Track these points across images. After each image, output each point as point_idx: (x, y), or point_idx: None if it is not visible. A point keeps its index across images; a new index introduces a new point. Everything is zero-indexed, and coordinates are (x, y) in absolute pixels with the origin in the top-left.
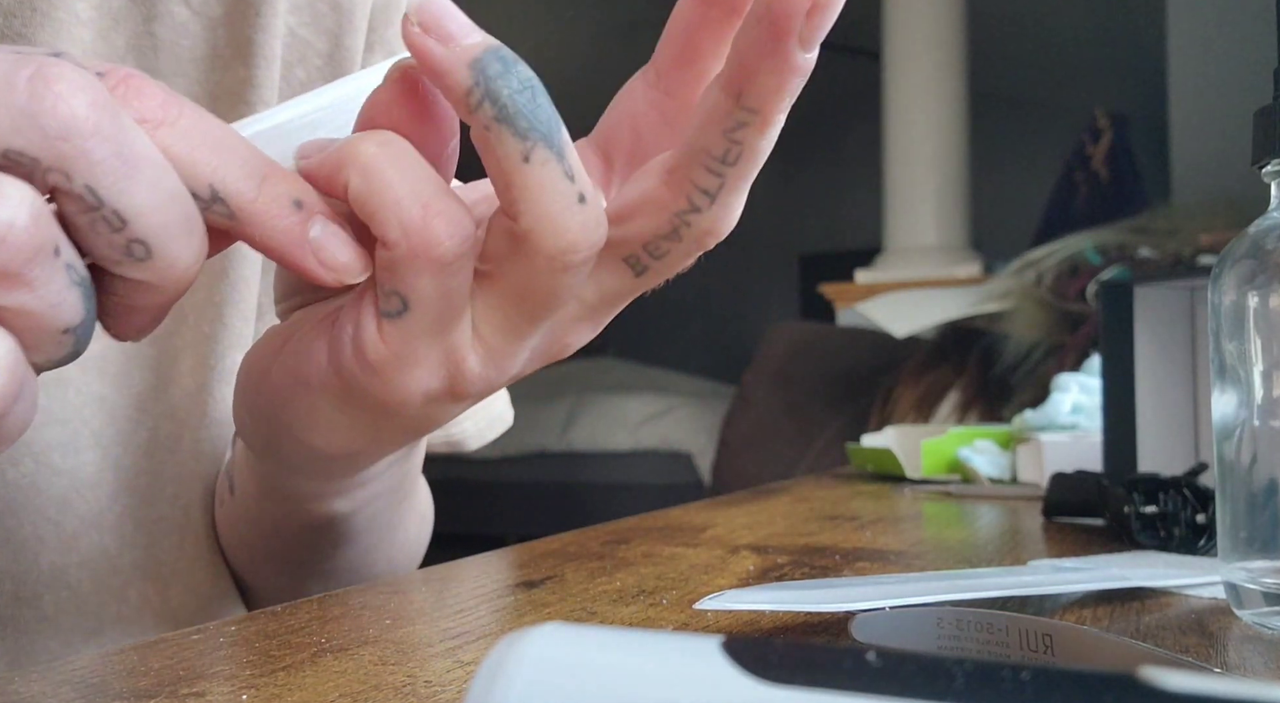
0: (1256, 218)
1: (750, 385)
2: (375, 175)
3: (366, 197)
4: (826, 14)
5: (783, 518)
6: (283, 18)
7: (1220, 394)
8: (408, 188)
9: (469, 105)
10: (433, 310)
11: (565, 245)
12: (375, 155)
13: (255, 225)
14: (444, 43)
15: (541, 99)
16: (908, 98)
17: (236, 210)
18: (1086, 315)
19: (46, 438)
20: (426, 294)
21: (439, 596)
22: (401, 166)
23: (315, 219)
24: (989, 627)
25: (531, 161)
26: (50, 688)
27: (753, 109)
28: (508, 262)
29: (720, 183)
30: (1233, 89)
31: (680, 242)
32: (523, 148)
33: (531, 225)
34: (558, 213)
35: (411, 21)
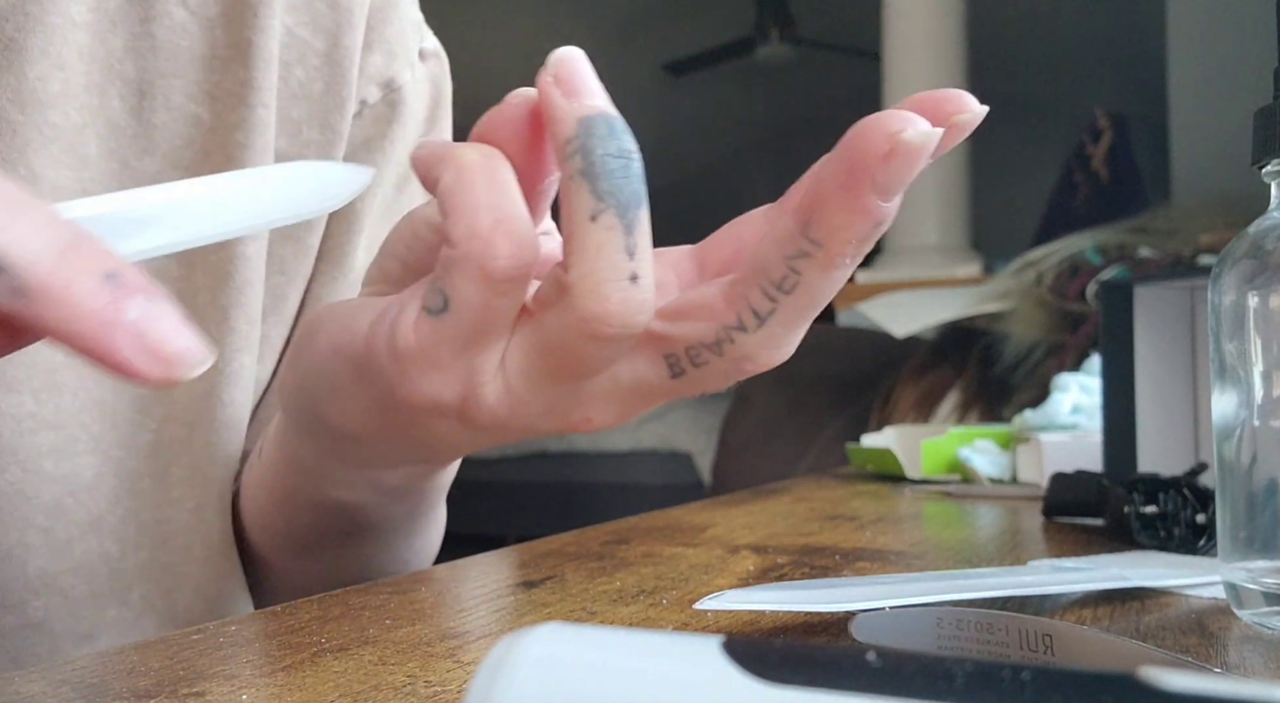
0: (1256, 218)
1: (750, 385)
2: (466, 177)
3: (451, 193)
4: (904, 162)
5: (783, 518)
6: (280, 17)
7: (1220, 394)
8: (489, 198)
9: (565, 154)
10: (470, 320)
11: (600, 313)
12: (475, 162)
13: (51, 303)
14: (568, 97)
15: (633, 173)
16: None
17: (27, 283)
18: (1086, 315)
19: (37, 444)
20: (469, 301)
21: (439, 596)
22: (493, 179)
23: (135, 296)
24: (989, 627)
25: (597, 223)
26: (50, 688)
27: (816, 242)
28: (550, 310)
29: (772, 308)
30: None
31: (721, 356)
32: (594, 207)
33: (576, 282)
34: (604, 280)
35: (548, 71)
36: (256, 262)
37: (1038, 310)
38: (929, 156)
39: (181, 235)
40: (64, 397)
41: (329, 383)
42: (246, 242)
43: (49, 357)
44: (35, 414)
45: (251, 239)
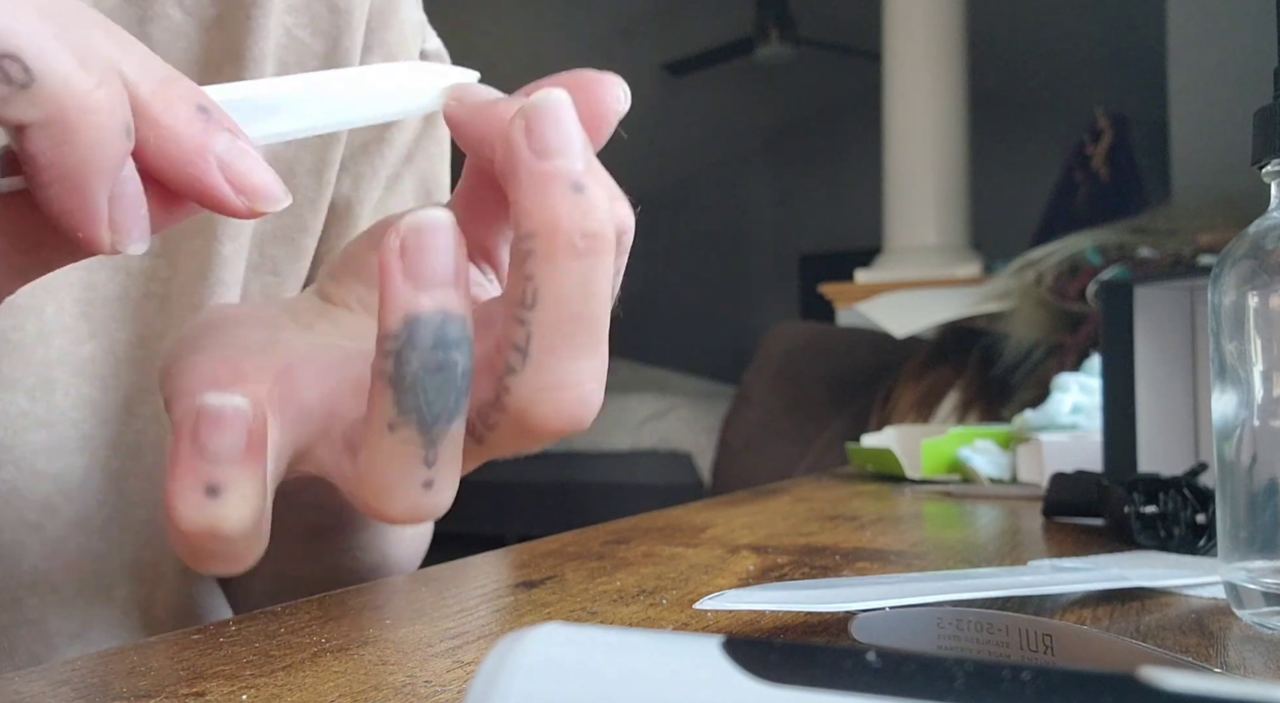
0: (1256, 218)
1: (750, 385)
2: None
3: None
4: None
5: (783, 518)
6: (277, 18)
7: (1220, 394)
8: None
9: (380, 348)
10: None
11: (383, 516)
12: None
13: (149, 122)
14: (407, 278)
15: (451, 385)
16: (908, 98)
17: (130, 100)
18: (1086, 315)
19: (31, 442)
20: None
21: (439, 596)
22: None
23: (221, 131)
24: (989, 627)
25: (394, 434)
26: (50, 688)
27: (529, 234)
28: (346, 472)
29: (527, 333)
30: (1233, 89)
31: (505, 413)
32: (394, 419)
33: (364, 477)
34: (392, 486)
35: (397, 235)
36: (234, 262)
37: (1038, 310)
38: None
39: (306, 123)
40: (56, 395)
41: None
42: (225, 242)
43: (43, 354)
44: (29, 412)
45: (230, 239)
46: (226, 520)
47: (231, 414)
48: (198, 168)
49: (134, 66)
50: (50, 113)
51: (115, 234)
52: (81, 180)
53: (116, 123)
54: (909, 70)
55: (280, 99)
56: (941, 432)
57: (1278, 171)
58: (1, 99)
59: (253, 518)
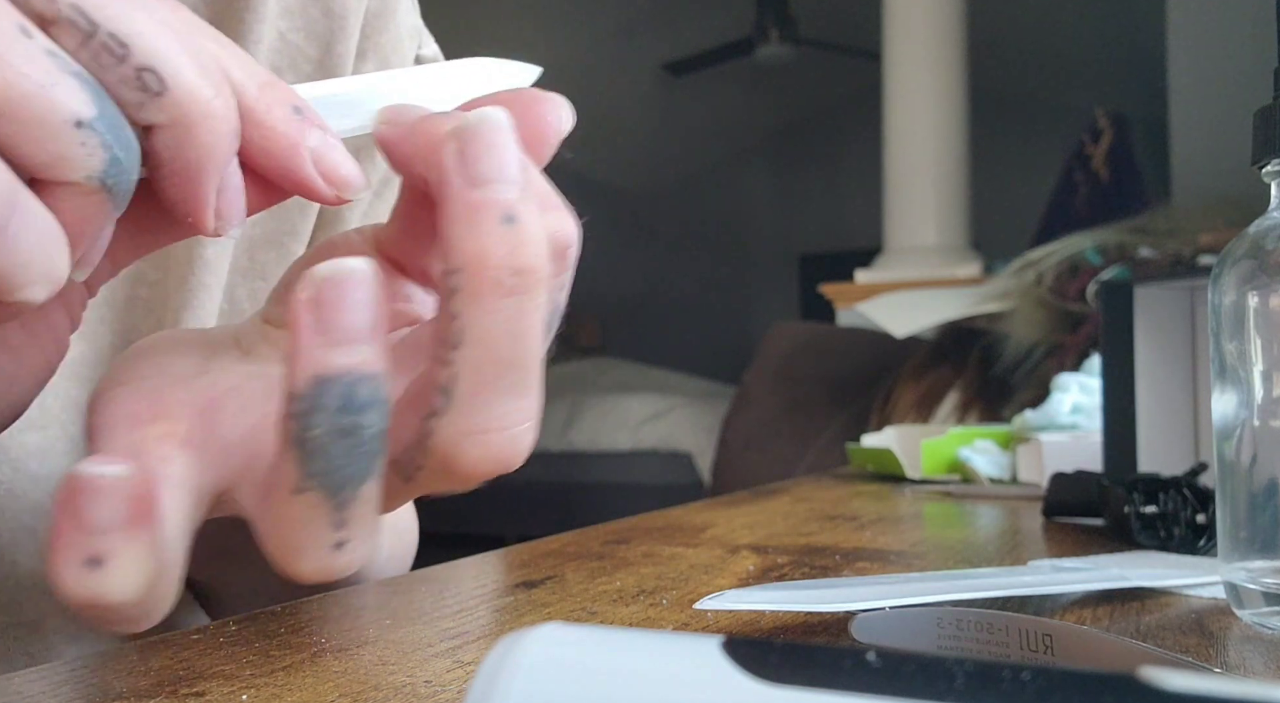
0: (1256, 218)
1: (750, 385)
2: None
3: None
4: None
5: (783, 518)
6: (271, 23)
7: (1220, 394)
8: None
9: (285, 409)
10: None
11: (293, 575)
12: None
13: (254, 121)
14: (317, 333)
15: (360, 449)
16: (908, 98)
17: (238, 102)
18: (1086, 315)
19: (25, 444)
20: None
21: (439, 596)
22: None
23: (313, 128)
24: (989, 627)
25: (299, 498)
26: (50, 688)
27: (455, 268)
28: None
29: (452, 374)
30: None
31: (430, 456)
32: (299, 483)
33: (271, 538)
34: (299, 548)
35: (309, 286)
36: (217, 265)
37: (1038, 310)
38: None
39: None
40: (48, 397)
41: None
42: (207, 245)
43: None
44: (25, 414)
45: (213, 243)
46: (110, 591)
47: (109, 484)
48: (293, 162)
49: (240, 72)
50: (175, 117)
51: (219, 220)
52: (196, 174)
53: (228, 127)
54: (909, 70)
55: (362, 95)
56: (941, 432)
57: (1278, 172)
58: (138, 104)
59: (141, 585)
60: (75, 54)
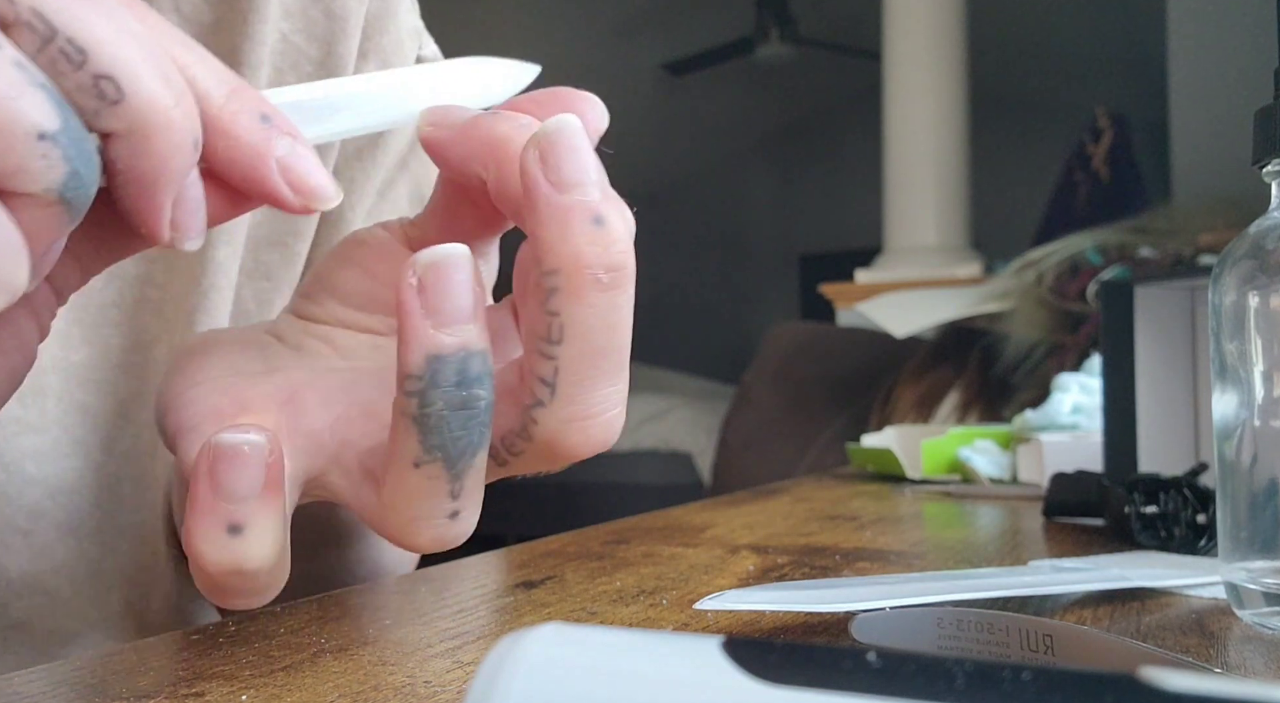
0: (1257, 218)
1: (750, 385)
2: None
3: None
4: (572, 153)
5: (783, 518)
6: (273, 24)
7: (1220, 394)
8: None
9: (403, 388)
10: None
11: (410, 546)
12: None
13: (219, 131)
14: (429, 315)
15: (475, 422)
16: (908, 98)
17: (203, 111)
18: (1087, 315)
19: (21, 447)
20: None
21: (439, 596)
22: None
23: (282, 137)
24: (989, 627)
25: (420, 470)
26: (50, 688)
27: (553, 270)
28: (371, 503)
29: (554, 367)
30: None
31: (531, 442)
32: (419, 456)
33: (390, 511)
34: (419, 518)
35: (414, 271)
36: (228, 266)
37: (1038, 310)
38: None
39: (363, 122)
40: (48, 400)
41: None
42: (218, 246)
43: (35, 361)
44: (20, 418)
45: (224, 244)
46: (250, 558)
47: (249, 451)
48: (259, 172)
49: (206, 79)
50: (132, 126)
51: (175, 232)
52: (152, 185)
53: (187, 138)
54: (909, 70)
55: (341, 99)
56: (942, 432)
57: (1278, 171)
58: (94, 112)
59: (275, 552)
60: (33, 59)
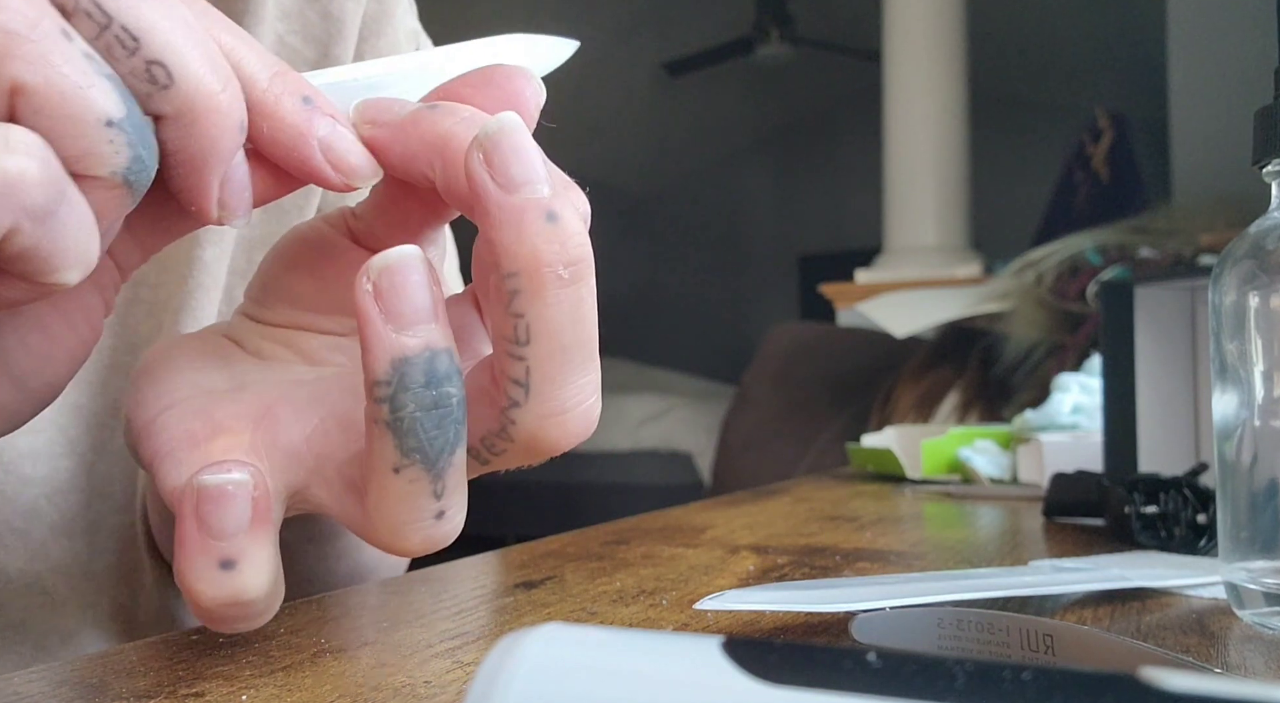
0: (1257, 218)
1: (750, 385)
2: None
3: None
4: (516, 151)
5: (783, 518)
6: (269, 25)
7: (1221, 394)
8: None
9: (372, 395)
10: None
11: (399, 551)
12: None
13: (264, 113)
14: (388, 320)
15: (449, 420)
16: (908, 98)
17: (248, 94)
18: (1087, 315)
19: (18, 447)
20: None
21: (438, 596)
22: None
23: (323, 118)
24: (990, 627)
25: (400, 476)
26: (50, 688)
27: (512, 272)
28: (358, 512)
29: (525, 368)
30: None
31: (512, 442)
32: (398, 462)
33: (375, 520)
34: (405, 523)
35: (368, 277)
36: (215, 267)
37: (1038, 310)
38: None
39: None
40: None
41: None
42: (206, 246)
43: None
44: None
45: (211, 244)
46: (247, 590)
47: (233, 491)
48: (302, 152)
49: (251, 63)
50: (181, 110)
51: (222, 210)
52: (200, 166)
53: (234, 121)
54: (909, 70)
55: (379, 78)
56: (942, 432)
57: (1278, 171)
58: (146, 96)
59: (270, 579)
60: (92, 47)
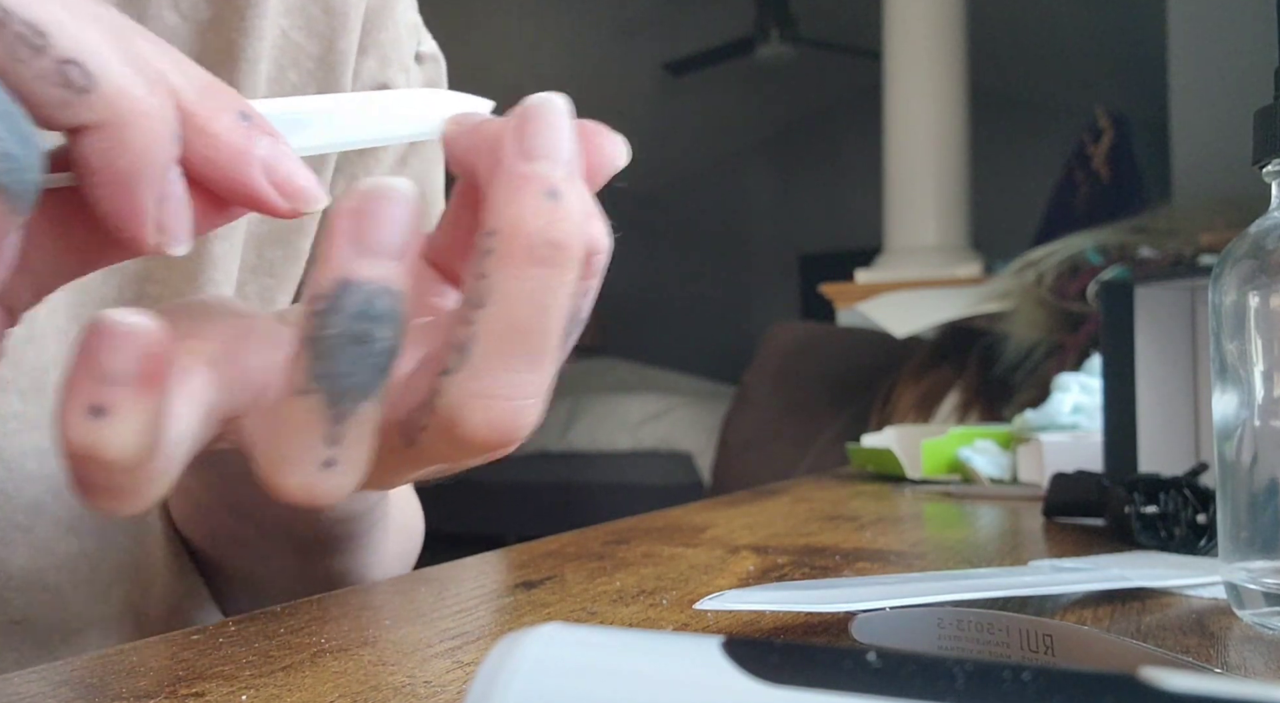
0: (1257, 218)
1: (750, 385)
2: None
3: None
4: (548, 123)
5: (783, 518)
6: (272, 20)
7: (1221, 394)
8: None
9: (309, 307)
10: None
11: (276, 488)
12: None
13: (195, 129)
14: (352, 242)
15: (370, 362)
16: (908, 98)
17: (177, 108)
18: (1087, 315)
19: (22, 444)
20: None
21: (439, 596)
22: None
23: (264, 136)
24: (989, 627)
25: (299, 401)
26: (50, 688)
27: (493, 230)
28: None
29: (471, 333)
30: (1233, 89)
31: (434, 414)
32: (303, 384)
33: (261, 448)
34: (288, 458)
35: (351, 199)
36: (226, 262)
37: (1038, 310)
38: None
39: (332, 139)
40: (49, 397)
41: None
42: (215, 242)
43: (36, 357)
44: (21, 415)
45: (221, 239)
46: (109, 445)
47: (124, 332)
48: (242, 172)
49: (179, 75)
50: (105, 117)
51: (160, 235)
52: (131, 182)
53: (166, 128)
54: (909, 70)
55: (311, 115)
56: (942, 432)
57: (1278, 171)
58: (62, 102)
59: (138, 446)
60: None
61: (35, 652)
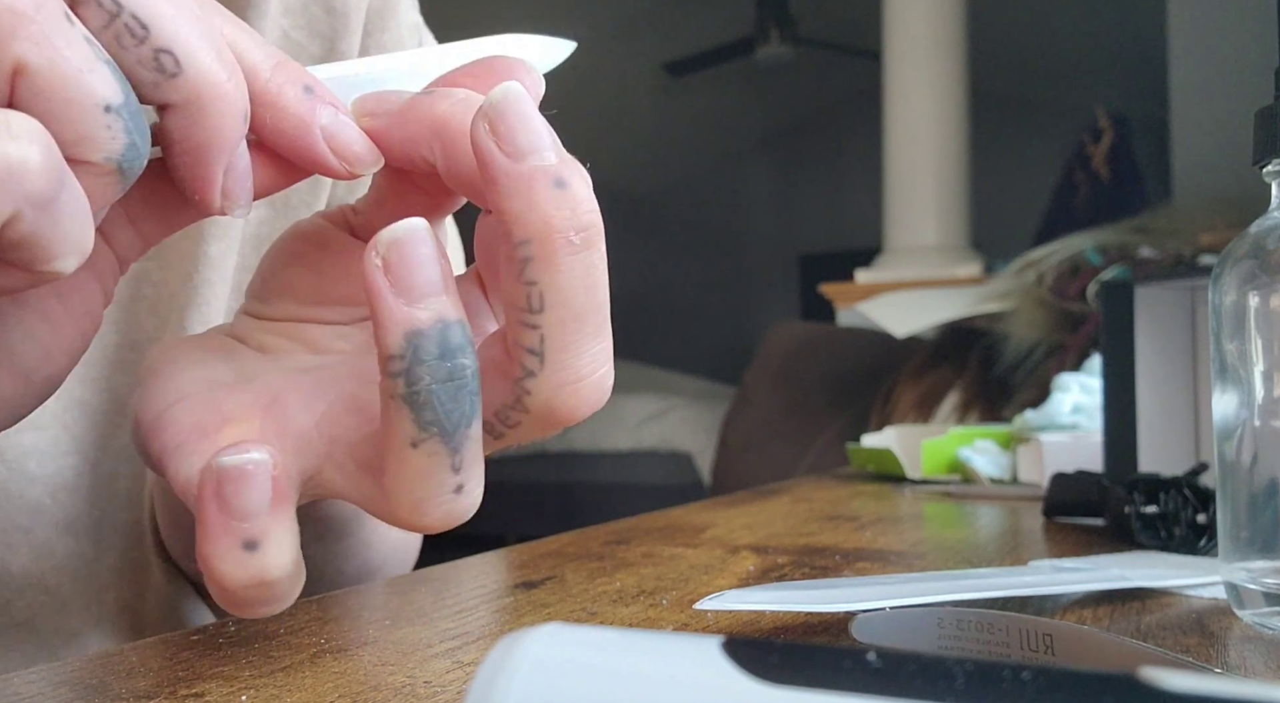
0: (1257, 218)
1: (750, 385)
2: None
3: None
4: (519, 119)
5: (783, 518)
6: (274, 20)
7: (1221, 394)
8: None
9: (387, 370)
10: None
11: (420, 527)
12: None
13: (267, 103)
14: (399, 294)
15: (465, 393)
16: (908, 98)
17: (251, 85)
18: (1087, 315)
19: (22, 444)
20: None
21: (439, 596)
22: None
23: (325, 107)
24: (989, 627)
25: (419, 450)
26: (50, 688)
27: (523, 240)
28: (376, 492)
29: (540, 336)
30: (1233, 89)
31: (528, 412)
32: (416, 436)
33: (395, 498)
34: (425, 498)
35: (377, 252)
36: (221, 262)
37: (1038, 310)
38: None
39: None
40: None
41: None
42: (211, 242)
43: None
44: None
45: (217, 240)
46: (271, 569)
47: (253, 469)
48: (306, 140)
49: (254, 54)
50: (189, 98)
51: (225, 200)
52: (205, 154)
53: (238, 110)
54: (909, 70)
55: (378, 74)
56: (942, 432)
57: (1278, 171)
58: (154, 83)
59: (293, 559)
60: (98, 34)
61: (38, 655)
